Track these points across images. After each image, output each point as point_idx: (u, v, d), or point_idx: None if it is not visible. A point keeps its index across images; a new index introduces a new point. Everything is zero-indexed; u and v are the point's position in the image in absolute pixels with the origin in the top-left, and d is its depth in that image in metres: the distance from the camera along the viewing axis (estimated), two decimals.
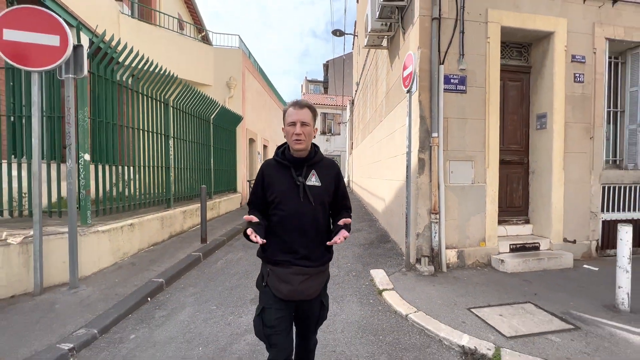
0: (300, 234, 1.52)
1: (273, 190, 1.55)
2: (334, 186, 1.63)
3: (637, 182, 4.84)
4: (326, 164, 1.65)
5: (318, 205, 1.54)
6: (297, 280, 1.51)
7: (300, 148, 1.54)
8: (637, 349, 2.39)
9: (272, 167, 1.61)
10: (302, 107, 1.54)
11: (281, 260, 1.53)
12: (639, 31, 4.73)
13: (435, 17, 4.03)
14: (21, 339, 2.47)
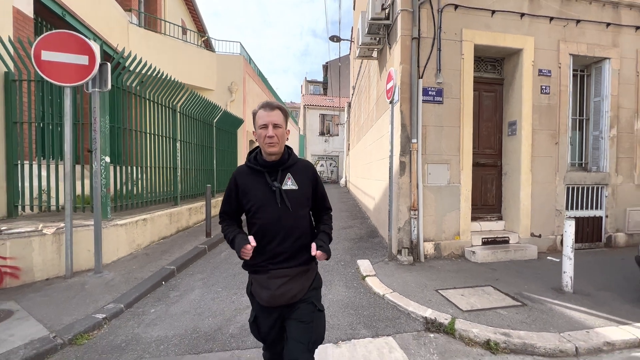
0: (280, 240, 1.47)
1: (249, 199, 1.50)
2: (312, 188, 1.59)
3: (599, 183, 5.38)
4: (301, 166, 1.60)
5: (297, 209, 1.50)
6: (275, 283, 1.45)
7: (273, 151, 1.48)
8: (569, 320, 2.93)
9: (244, 174, 1.55)
10: (273, 108, 1.49)
11: (258, 266, 1.50)
12: (600, 47, 5.27)
13: (415, 37, 4.56)
14: (63, 311, 3.00)
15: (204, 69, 10.21)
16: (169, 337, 2.73)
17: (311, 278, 1.57)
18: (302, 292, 1.50)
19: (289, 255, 1.49)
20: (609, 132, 5.37)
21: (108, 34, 7.12)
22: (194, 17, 14.90)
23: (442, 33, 4.68)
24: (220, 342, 2.65)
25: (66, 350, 2.51)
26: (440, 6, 4.66)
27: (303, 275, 1.52)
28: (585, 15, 5.19)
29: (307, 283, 1.54)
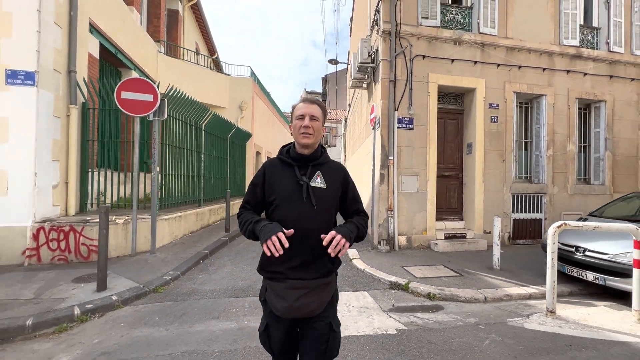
0: (299, 240, 1.36)
1: (274, 190, 1.44)
2: (342, 191, 1.52)
3: (539, 192, 6.81)
4: (333, 166, 1.53)
5: (322, 209, 1.41)
6: (292, 295, 1.35)
7: (307, 142, 1.43)
8: (487, 284, 4.29)
9: (275, 166, 1.50)
10: (312, 102, 1.47)
11: (276, 273, 1.40)
12: (538, 86, 6.78)
13: (392, 79, 6.04)
14: (140, 274, 4.33)
15: (219, 89, 11.70)
16: (216, 289, 4.07)
17: (331, 293, 1.46)
18: (321, 308, 1.39)
19: (306, 260, 1.38)
20: (546, 152, 6.84)
21: (144, 63, 8.56)
22: (206, 39, 16.48)
23: (413, 76, 6.16)
24: (252, 292, 4.00)
25: (152, 295, 3.85)
26: (412, 56, 6.16)
27: (323, 289, 1.42)
28: (526, 62, 6.71)
29: (327, 298, 1.43)
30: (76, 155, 5.46)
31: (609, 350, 2.68)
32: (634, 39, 7.35)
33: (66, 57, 5.27)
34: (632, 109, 7.35)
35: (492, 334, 2.97)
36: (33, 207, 4.65)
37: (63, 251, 4.72)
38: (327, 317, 1.43)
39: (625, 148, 7.29)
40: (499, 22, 6.55)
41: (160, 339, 2.83)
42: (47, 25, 4.82)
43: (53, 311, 3.16)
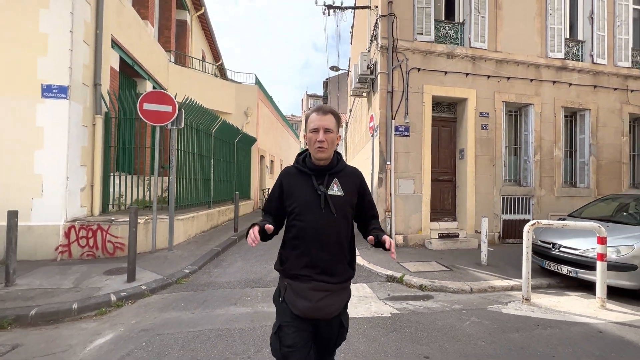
0: (320, 247, 1.42)
1: (293, 200, 1.48)
2: (358, 196, 1.55)
3: (527, 195, 7.29)
4: (349, 173, 1.56)
5: (340, 216, 1.45)
6: (316, 296, 1.39)
7: (322, 157, 1.47)
8: (475, 277, 4.77)
9: (291, 175, 1.55)
10: (326, 112, 1.47)
11: (300, 274, 1.43)
12: (526, 96, 7.28)
13: (390, 91, 6.55)
14: (162, 268, 4.82)
15: (225, 96, 12.24)
16: (231, 281, 4.57)
17: (348, 296, 1.54)
18: (339, 309, 1.47)
19: (326, 266, 1.43)
20: (534, 157, 7.32)
21: (157, 73, 9.10)
22: (211, 47, 17.05)
23: (409, 87, 6.67)
24: (263, 284, 4.49)
25: (175, 285, 4.34)
26: (408, 69, 6.67)
27: (343, 292, 1.49)
28: (514, 73, 7.22)
29: (345, 300, 1.51)
30: (100, 160, 5.97)
31: (570, 329, 3.16)
32: (616, 51, 7.85)
33: (92, 71, 5.80)
34: (615, 116, 7.84)
35: (472, 317, 3.45)
36: (65, 207, 5.15)
37: (91, 248, 5.23)
38: (340, 316, 1.49)
39: (609, 153, 7.78)
40: (488, 36, 7.06)
41: (187, 320, 3.32)
42: (77, 44, 5.35)
43: (93, 297, 3.65)
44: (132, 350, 2.70)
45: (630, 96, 7.94)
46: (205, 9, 13.65)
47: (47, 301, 3.52)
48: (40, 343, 2.83)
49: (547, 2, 7.38)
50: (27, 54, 5.05)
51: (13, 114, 5.00)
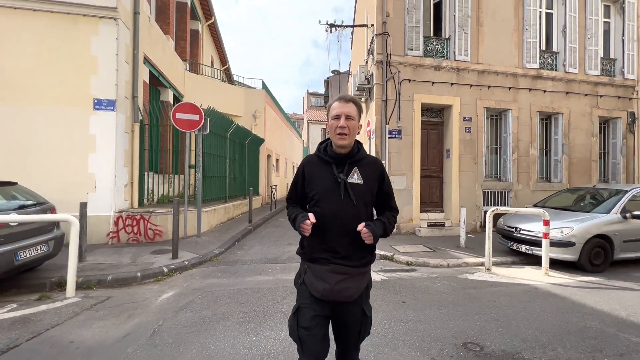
0: (339, 233, 1.45)
1: (313, 187, 1.52)
2: (378, 185, 1.56)
3: (506, 189, 8.31)
4: (369, 162, 1.57)
5: (360, 204, 1.47)
6: (334, 278, 1.43)
7: (343, 144, 1.49)
8: (452, 256, 5.80)
9: (313, 163, 1.57)
10: (348, 101, 1.50)
11: (319, 257, 1.48)
12: (505, 102, 8.27)
13: (384, 99, 7.57)
14: (196, 250, 5.88)
15: (235, 100, 13.27)
16: (253, 259, 5.63)
17: (367, 281, 1.55)
18: (358, 294, 1.48)
19: (346, 253, 1.46)
20: (512, 156, 8.33)
21: (176, 81, 10.12)
22: (219, 52, 18.05)
23: (401, 96, 7.68)
24: (280, 260, 5.55)
25: (209, 262, 5.41)
26: (400, 80, 7.67)
27: (362, 277, 1.51)
28: (494, 82, 8.21)
29: (364, 285, 1.52)
30: (137, 161, 7.03)
31: (514, 288, 4.20)
32: (587, 61, 8.82)
33: (131, 85, 6.84)
34: (586, 119, 8.83)
35: (443, 281, 4.50)
36: (113, 201, 6.22)
37: (136, 234, 6.30)
38: (361, 303, 1.51)
39: (580, 152, 8.78)
40: (471, 50, 8.05)
41: (226, 283, 4.38)
42: (121, 64, 6.39)
43: (150, 269, 4.72)
44: (192, 300, 3.76)
45: (599, 101, 8.92)
46: (214, 19, 14.64)
47: (116, 271, 4.59)
48: (124, 296, 3.90)
49: (524, 18, 8.36)
50: (81, 74, 6.10)
51: (71, 124, 6.06)
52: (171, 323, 3.12)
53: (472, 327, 3.03)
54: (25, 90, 5.94)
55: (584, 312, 3.40)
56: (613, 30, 9.33)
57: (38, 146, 5.92)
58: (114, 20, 6.23)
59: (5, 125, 5.83)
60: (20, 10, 5.90)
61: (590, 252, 4.86)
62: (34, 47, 5.96)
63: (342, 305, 1.47)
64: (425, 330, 2.98)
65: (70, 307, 3.51)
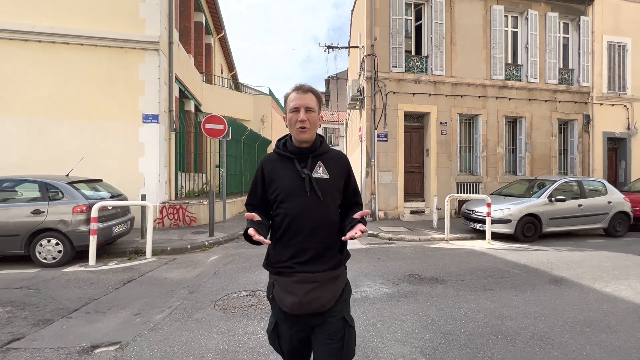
0: (308, 234, 1.32)
1: (275, 187, 1.37)
2: (344, 180, 1.44)
3: (477, 182, 9.92)
4: (334, 155, 1.47)
5: (327, 200, 1.35)
6: (302, 289, 1.28)
7: (304, 138, 1.37)
8: (425, 234, 7.45)
9: (272, 161, 1.44)
10: (306, 91, 1.37)
11: (283, 268, 1.33)
12: (475, 109, 9.86)
13: (373, 109, 9.19)
14: (224, 231, 7.55)
15: (245, 106, 14.91)
16: None
17: (341, 287, 1.39)
18: (332, 302, 1.33)
19: (315, 254, 1.32)
20: (482, 153, 9.94)
21: (196, 92, 11.76)
22: (227, 60, 19.69)
23: (387, 106, 9.29)
24: None
25: (237, 239, 7.09)
26: (386, 92, 9.28)
27: (333, 283, 1.35)
28: (466, 92, 9.79)
29: (338, 292, 1.36)
30: (173, 163, 8.71)
31: (460, 251, 5.85)
32: (547, 72, 10.38)
33: (168, 102, 8.50)
34: (546, 121, 10.40)
35: (412, 248, 6.15)
36: (158, 194, 7.90)
37: (177, 220, 8.00)
38: (340, 311, 1.35)
39: (541, 149, 10.36)
40: (446, 66, 9.63)
41: (253, 251, 6.03)
42: (162, 84, 8.05)
43: (195, 243, 6.40)
44: (232, 259, 5.43)
45: (558, 106, 10.49)
46: (225, 32, 16.25)
47: (171, 244, 6.28)
48: (184, 259, 5.58)
49: (491, 37, 9.92)
50: (132, 94, 7.76)
51: (125, 134, 7.73)
52: (224, 269, 4.81)
53: (419, 268, 4.69)
54: (90, 109, 7.61)
55: (497, 261, 5.05)
56: (571, 45, 10.86)
57: (102, 152, 7.60)
58: (156, 51, 7.88)
59: (77, 137, 7.52)
60: (86, 46, 7.55)
61: (523, 227, 6.50)
62: (95, 74, 7.63)
63: (317, 316, 1.32)
64: (388, 269, 4.65)
65: (152, 263, 5.20)
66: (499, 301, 3.46)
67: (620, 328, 2.84)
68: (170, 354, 2.48)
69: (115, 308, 3.39)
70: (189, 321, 3.05)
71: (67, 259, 4.86)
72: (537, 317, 3.07)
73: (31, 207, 4.75)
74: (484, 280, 4.17)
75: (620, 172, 11.43)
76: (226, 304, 3.47)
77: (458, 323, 2.96)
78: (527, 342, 2.62)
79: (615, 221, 7.04)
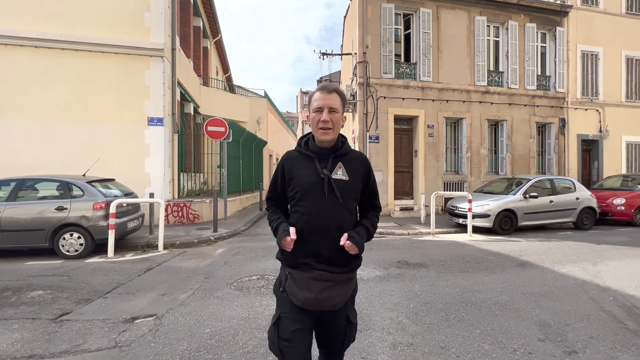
0: (323, 234, 1.34)
1: (294, 185, 1.40)
2: (363, 182, 1.47)
3: (461, 180, 10.64)
4: (355, 157, 1.47)
5: (346, 201, 1.37)
6: (317, 287, 1.32)
7: (326, 139, 1.38)
8: (413, 228, 8.09)
9: (293, 158, 1.46)
10: (331, 92, 1.38)
11: (301, 263, 1.36)
12: (460, 112, 10.58)
13: (365, 112, 9.80)
14: (226, 227, 8.07)
15: (241, 108, 15.37)
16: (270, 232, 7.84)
17: (352, 287, 1.44)
18: (343, 302, 1.38)
19: (331, 254, 1.34)
20: (466, 154, 10.66)
21: (195, 95, 12.17)
22: (222, 62, 20.08)
23: (378, 110, 9.92)
24: None
25: (239, 235, 7.61)
26: (377, 97, 9.91)
27: (347, 284, 1.39)
28: (451, 97, 10.50)
29: (349, 292, 1.42)
30: (175, 163, 9.16)
31: (444, 242, 6.50)
32: (526, 79, 11.17)
33: (171, 105, 8.95)
34: (525, 124, 11.20)
35: (401, 240, 6.78)
36: (162, 193, 8.34)
37: (181, 217, 8.46)
38: (345, 311, 1.41)
39: (521, 150, 11.15)
40: (433, 72, 10.32)
41: (256, 244, 6.57)
42: (166, 89, 8.50)
43: (201, 237, 6.90)
44: (238, 251, 5.96)
45: (536, 110, 11.30)
46: (220, 35, 16.67)
47: (179, 239, 6.75)
48: (193, 251, 6.08)
49: (474, 46, 10.65)
50: (138, 99, 8.20)
51: (132, 136, 8.16)
52: (232, 259, 5.33)
53: (406, 256, 5.31)
54: (98, 112, 8.02)
55: (475, 250, 5.71)
56: (548, 53, 11.69)
57: (109, 153, 8.01)
58: (161, 58, 8.33)
59: (85, 138, 7.92)
60: (94, 53, 7.96)
61: (501, 221, 7.20)
62: (103, 80, 8.04)
63: (325, 313, 1.37)
64: (379, 257, 5.25)
65: (165, 255, 5.69)
66: (472, 280, 4.09)
67: (566, 297, 3.50)
68: (201, 321, 3.02)
69: (142, 290, 3.89)
70: (211, 298, 3.59)
71: (87, 251, 5.31)
72: (501, 290, 3.71)
73: (55, 204, 5.19)
74: (461, 264, 4.81)
75: (594, 172, 12.33)
76: (240, 285, 4.02)
77: (436, 296, 3.57)
78: (490, 308, 3.24)
79: (583, 215, 7.81)
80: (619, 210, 8.17)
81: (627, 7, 12.36)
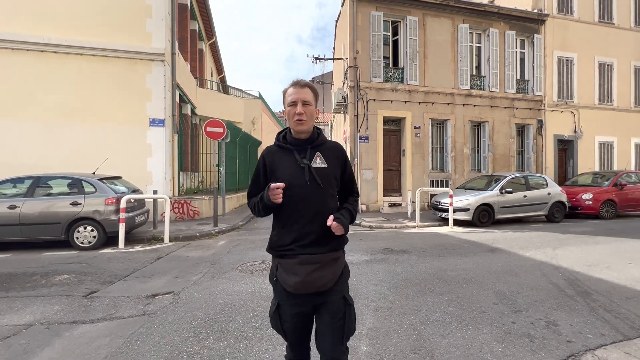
0: (309, 220, 1.42)
1: (277, 177, 1.47)
2: (341, 169, 1.55)
3: (446, 178, 11.32)
4: (331, 146, 1.56)
5: (327, 187, 1.46)
6: (305, 270, 1.40)
7: (302, 129, 1.47)
8: (401, 223, 8.71)
9: (273, 152, 1.53)
10: (303, 86, 1.47)
11: (288, 250, 1.44)
12: (445, 114, 11.25)
13: (355, 114, 10.39)
14: (225, 222, 8.55)
15: (236, 109, 15.81)
16: (267, 227, 8.30)
17: (341, 267, 1.51)
18: (333, 281, 1.45)
19: (316, 237, 1.43)
20: (450, 154, 11.35)
21: (191, 97, 12.57)
22: (216, 63, 20.47)
23: (368, 112, 10.52)
24: None
25: (238, 229, 8.12)
26: (367, 100, 10.51)
27: (334, 263, 1.47)
28: (437, 100, 11.17)
29: (338, 272, 1.48)
30: (175, 162, 9.59)
31: (427, 234, 7.12)
32: (506, 82, 11.92)
33: (171, 107, 9.38)
34: (506, 125, 11.95)
35: (388, 233, 7.38)
36: (164, 190, 8.79)
37: (182, 214, 8.91)
38: (341, 291, 1.47)
39: (501, 150, 11.90)
40: (419, 77, 10.97)
41: (254, 237, 7.09)
42: (166, 92, 8.94)
43: (203, 232, 7.38)
44: (239, 243, 6.47)
45: (515, 112, 12.06)
46: (215, 37, 17.07)
47: (182, 233, 7.23)
48: (197, 244, 6.57)
49: (458, 52, 11.34)
50: (140, 101, 8.62)
51: (134, 137, 8.58)
52: (234, 249, 5.85)
53: (392, 245, 5.91)
54: (102, 114, 8.41)
55: (454, 240, 6.35)
56: (527, 59, 12.47)
57: (113, 153, 8.41)
58: (162, 62, 8.77)
59: (89, 139, 8.31)
60: (98, 57, 8.35)
61: (480, 214, 7.87)
62: (107, 83, 8.44)
63: (319, 296, 1.43)
64: (367, 245, 5.84)
65: (172, 246, 6.16)
66: (446, 262, 4.70)
67: (523, 274, 4.13)
68: (214, 295, 3.55)
69: (157, 275, 4.39)
70: (220, 278, 4.11)
71: (100, 243, 5.76)
72: (470, 270, 4.33)
73: (70, 199, 5.62)
74: (439, 251, 5.43)
75: (569, 169, 13.18)
76: (244, 268, 4.55)
77: (415, 274, 4.16)
78: (458, 282, 3.85)
79: (554, 209, 8.54)
80: (587, 204, 8.94)
81: (600, 15, 13.24)
